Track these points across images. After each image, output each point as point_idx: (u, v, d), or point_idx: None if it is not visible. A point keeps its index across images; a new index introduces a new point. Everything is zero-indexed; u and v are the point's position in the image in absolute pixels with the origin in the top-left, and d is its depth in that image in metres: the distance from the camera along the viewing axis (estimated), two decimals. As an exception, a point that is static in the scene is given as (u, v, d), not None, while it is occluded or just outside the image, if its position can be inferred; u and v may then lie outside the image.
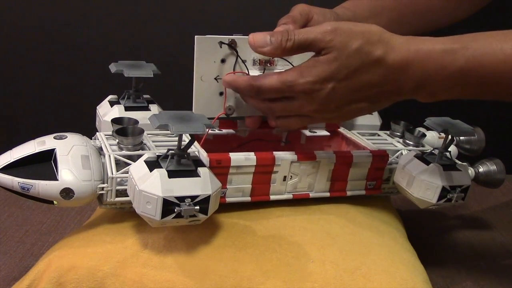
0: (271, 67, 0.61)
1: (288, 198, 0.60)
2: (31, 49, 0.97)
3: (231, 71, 0.59)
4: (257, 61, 0.60)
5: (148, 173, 0.48)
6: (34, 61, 0.98)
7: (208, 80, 0.59)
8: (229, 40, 0.58)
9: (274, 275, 0.51)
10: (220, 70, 0.59)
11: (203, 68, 0.58)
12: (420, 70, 0.52)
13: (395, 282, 0.52)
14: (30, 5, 0.94)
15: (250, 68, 0.60)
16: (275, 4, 0.93)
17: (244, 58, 0.60)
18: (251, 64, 0.60)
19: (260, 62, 0.60)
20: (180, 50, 0.59)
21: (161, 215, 0.47)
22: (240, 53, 0.59)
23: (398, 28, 0.72)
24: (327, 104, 0.53)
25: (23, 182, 0.50)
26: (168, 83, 0.84)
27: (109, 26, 0.95)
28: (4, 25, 0.95)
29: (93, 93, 0.68)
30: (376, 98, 0.54)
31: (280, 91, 0.53)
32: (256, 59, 0.60)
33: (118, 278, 0.51)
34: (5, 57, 0.97)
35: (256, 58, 0.60)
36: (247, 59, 0.60)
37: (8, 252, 0.69)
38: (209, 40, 0.58)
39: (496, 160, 0.70)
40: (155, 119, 0.48)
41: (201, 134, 0.48)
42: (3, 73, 0.98)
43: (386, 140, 0.70)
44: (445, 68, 0.51)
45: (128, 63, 0.64)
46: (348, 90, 0.52)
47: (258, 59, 0.60)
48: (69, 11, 0.95)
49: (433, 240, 0.76)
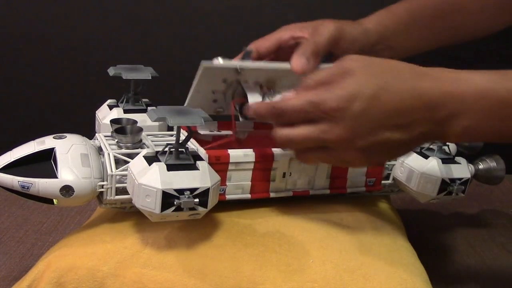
0: (270, 92, 0.60)
1: (288, 195, 0.60)
2: (31, 53, 0.97)
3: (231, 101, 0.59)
4: (259, 83, 0.59)
5: (147, 167, 0.48)
6: (34, 67, 0.98)
7: (205, 91, 0.59)
8: (237, 70, 0.57)
9: (274, 275, 0.51)
10: (220, 86, 0.59)
11: (202, 87, 0.59)
12: (458, 98, 0.46)
13: (395, 282, 0.52)
14: (31, 8, 0.94)
15: (249, 92, 0.58)
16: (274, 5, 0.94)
17: (246, 79, 0.59)
18: (252, 86, 0.59)
19: (261, 87, 0.59)
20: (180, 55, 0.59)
21: (160, 208, 0.47)
22: (244, 75, 0.58)
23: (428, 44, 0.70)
24: (356, 128, 0.46)
25: (23, 181, 0.51)
26: (166, 88, 0.84)
27: (109, 31, 0.96)
28: (5, 28, 0.95)
29: (92, 98, 0.69)
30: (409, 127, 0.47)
31: (304, 112, 0.48)
32: (258, 82, 0.59)
33: (118, 278, 0.51)
34: (6, 61, 0.98)
35: (259, 82, 0.59)
36: (249, 81, 0.59)
37: (8, 252, 0.69)
38: (215, 69, 0.56)
39: (496, 157, 0.70)
40: (153, 112, 0.49)
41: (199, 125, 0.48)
42: (3, 76, 0.99)
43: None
44: (485, 97, 0.45)
45: (126, 66, 0.64)
46: (380, 112, 0.46)
47: (260, 84, 0.59)
48: (69, 16, 0.95)
49: (433, 240, 0.76)
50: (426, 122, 0.46)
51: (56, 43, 0.96)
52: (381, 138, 0.47)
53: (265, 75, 0.59)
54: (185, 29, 0.95)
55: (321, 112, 0.47)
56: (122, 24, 0.96)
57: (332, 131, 0.47)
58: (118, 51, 0.97)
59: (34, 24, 0.95)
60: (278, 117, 0.50)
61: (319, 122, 0.47)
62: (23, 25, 0.95)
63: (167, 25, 0.96)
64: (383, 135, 0.46)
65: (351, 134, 0.46)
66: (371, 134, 0.46)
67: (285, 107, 0.49)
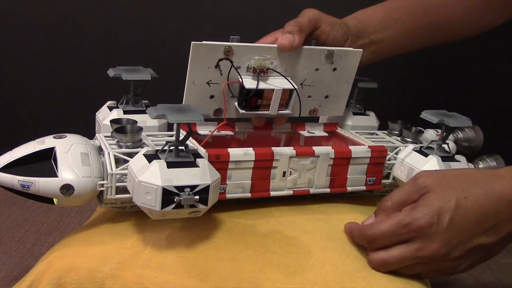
0: (264, 76, 0.61)
1: (288, 194, 0.60)
2: (31, 55, 0.98)
3: (225, 81, 0.59)
4: (251, 68, 0.60)
5: (147, 165, 0.48)
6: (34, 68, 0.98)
7: (200, 84, 0.59)
8: (225, 47, 0.58)
9: (274, 276, 0.51)
10: (213, 75, 0.59)
11: (196, 73, 0.59)
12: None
13: (395, 285, 0.52)
14: (32, 10, 0.94)
15: (243, 75, 0.60)
16: (270, 5, 0.94)
17: (239, 63, 0.60)
18: (245, 71, 0.60)
19: (254, 70, 0.60)
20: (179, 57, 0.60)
21: (161, 205, 0.47)
22: (235, 58, 0.59)
23: (410, 42, 0.72)
24: (449, 240, 0.49)
25: (23, 180, 0.51)
26: (166, 89, 0.84)
27: (109, 33, 0.96)
28: (5, 29, 0.95)
29: (92, 100, 0.69)
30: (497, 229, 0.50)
31: (396, 234, 0.50)
32: (251, 66, 0.60)
33: (118, 279, 0.51)
34: (6, 61, 0.98)
35: (250, 66, 0.60)
36: (241, 66, 0.60)
37: (8, 252, 0.69)
38: (205, 46, 0.58)
39: (496, 156, 0.70)
40: (153, 110, 0.49)
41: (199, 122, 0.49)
42: (4, 77, 0.99)
43: (384, 139, 0.70)
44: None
45: (126, 68, 0.64)
46: (467, 220, 0.49)
47: (253, 67, 0.60)
48: (70, 18, 0.96)
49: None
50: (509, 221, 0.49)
51: (56, 44, 0.97)
52: (475, 244, 0.49)
53: (256, 60, 0.60)
54: (185, 29, 0.95)
55: (413, 232, 0.49)
56: (122, 26, 0.96)
57: (427, 248, 0.49)
58: (118, 53, 0.97)
59: (35, 26, 0.95)
60: (370, 243, 0.52)
61: (412, 241, 0.50)
62: (24, 27, 0.95)
63: (167, 26, 0.96)
64: (476, 241, 0.49)
65: (446, 247, 0.49)
66: (464, 243, 0.49)
67: (376, 233, 0.51)
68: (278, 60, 0.61)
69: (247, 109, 0.61)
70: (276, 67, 0.61)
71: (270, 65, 0.61)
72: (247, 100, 0.60)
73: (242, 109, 0.61)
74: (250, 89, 0.59)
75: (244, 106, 0.61)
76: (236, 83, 0.60)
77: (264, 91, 0.60)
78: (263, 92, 0.60)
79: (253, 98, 0.60)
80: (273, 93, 0.60)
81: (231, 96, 0.61)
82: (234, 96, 0.61)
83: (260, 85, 0.60)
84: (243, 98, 0.60)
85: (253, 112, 0.62)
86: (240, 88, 0.61)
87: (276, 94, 0.60)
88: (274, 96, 0.60)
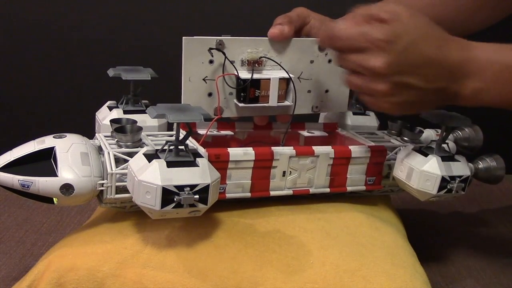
0: (259, 67, 0.61)
1: (288, 194, 0.60)
2: (31, 55, 0.98)
3: (220, 74, 0.60)
4: (245, 61, 0.61)
5: (147, 164, 0.48)
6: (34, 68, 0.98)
7: (197, 81, 0.59)
8: (217, 41, 0.59)
9: (274, 276, 0.51)
10: (209, 71, 0.60)
11: (191, 69, 0.59)
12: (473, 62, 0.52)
13: (395, 284, 0.52)
14: (32, 9, 0.94)
15: (238, 68, 0.60)
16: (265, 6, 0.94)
17: (232, 59, 0.60)
18: (239, 65, 0.61)
19: (248, 63, 0.61)
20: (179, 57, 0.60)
21: (160, 205, 0.47)
22: (228, 53, 0.59)
23: None
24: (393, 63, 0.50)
25: (23, 180, 0.51)
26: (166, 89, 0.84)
27: (108, 32, 0.96)
28: (5, 29, 0.95)
29: (92, 100, 0.69)
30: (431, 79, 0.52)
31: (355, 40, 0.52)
32: (245, 59, 0.61)
33: (118, 279, 0.51)
34: (6, 61, 0.98)
35: (244, 59, 0.61)
36: (235, 60, 0.60)
37: (8, 252, 0.69)
38: (197, 41, 0.58)
39: (496, 156, 0.70)
40: (153, 109, 0.49)
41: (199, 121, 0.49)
42: (3, 77, 0.99)
43: (383, 139, 0.70)
44: (495, 63, 0.52)
45: (126, 68, 0.64)
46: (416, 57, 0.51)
47: (247, 60, 0.60)
48: (69, 17, 0.95)
49: (433, 240, 0.76)
50: (445, 79, 0.52)
51: (56, 44, 0.97)
52: (407, 81, 0.51)
53: (249, 53, 0.61)
54: (185, 30, 0.95)
55: (369, 42, 0.51)
56: (122, 25, 0.96)
57: (372, 60, 0.51)
58: (118, 53, 0.97)
59: (35, 25, 0.95)
60: (331, 39, 0.53)
61: (363, 52, 0.51)
62: (23, 26, 0.95)
63: (167, 26, 0.96)
64: (410, 78, 0.51)
65: (387, 68, 0.50)
66: (402, 73, 0.51)
67: (339, 33, 0.52)
68: (271, 52, 0.62)
69: (246, 101, 0.61)
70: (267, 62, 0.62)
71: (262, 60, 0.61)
72: (245, 91, 0.60)
73: (241, 103, 0.61)
74: (246, 79, 0.59)
75: (243, 99, 0.61)
76: (232, 75, 0.60)
77: (261, 81, 0.60)
78: (260, 82, 0.60)
79: (251, 89, 0.60)
80: (270, 82, 0.60)
81: (229, 93, 0.61)
82: (232, 88, 0.61)
83: (256, 76, 0.60)
84: (240, 88, 0.60)
85: (252, 104, 0.61)
86: (236, 79, 0.61)
87: (273, 83, 0.60)
88: (271, 86, 0.60)
